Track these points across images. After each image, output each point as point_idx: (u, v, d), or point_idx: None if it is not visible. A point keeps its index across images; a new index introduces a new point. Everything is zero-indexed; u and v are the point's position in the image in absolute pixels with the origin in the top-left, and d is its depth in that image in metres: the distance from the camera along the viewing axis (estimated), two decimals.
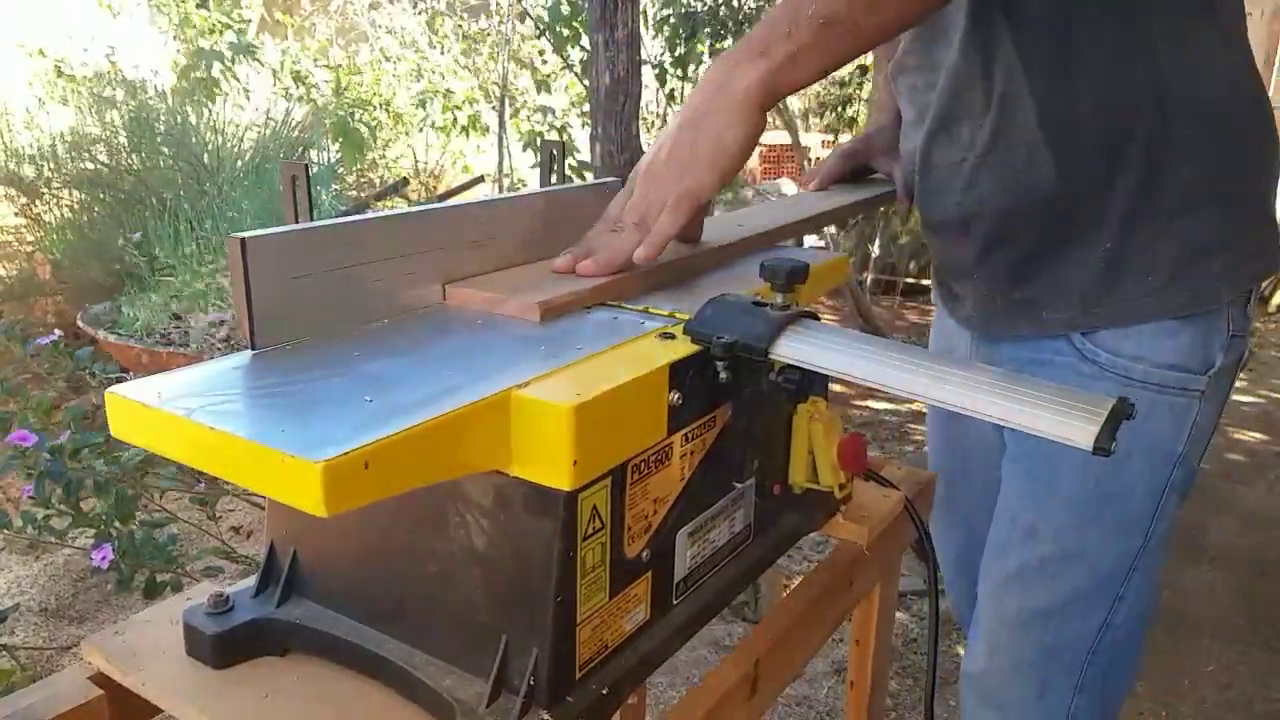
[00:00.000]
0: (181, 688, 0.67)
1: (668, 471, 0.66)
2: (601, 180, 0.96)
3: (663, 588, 0.69)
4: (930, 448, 1.33)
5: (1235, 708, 2.07)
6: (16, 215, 4.32)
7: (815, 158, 5.97)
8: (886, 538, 0.95)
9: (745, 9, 4.32)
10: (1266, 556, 2.71)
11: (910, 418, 3.59)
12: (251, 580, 0.73)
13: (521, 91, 6.85)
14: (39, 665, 2.09)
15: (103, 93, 4.56)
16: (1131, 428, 0.57)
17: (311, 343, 0.65)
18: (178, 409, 0.52)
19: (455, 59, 6.97)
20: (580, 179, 2.66)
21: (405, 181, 5.50)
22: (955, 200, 1.01)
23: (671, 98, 4.69)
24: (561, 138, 5.36)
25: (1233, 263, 0.93)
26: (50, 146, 4.12)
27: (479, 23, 6.98)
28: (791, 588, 0.91)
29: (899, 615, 2.28)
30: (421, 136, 6.88)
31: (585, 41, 3.90)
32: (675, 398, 0.63)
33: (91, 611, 2.34)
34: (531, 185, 3.10)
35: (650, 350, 0.65)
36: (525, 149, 5.67)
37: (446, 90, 6.69)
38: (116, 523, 1.68)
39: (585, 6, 3.83)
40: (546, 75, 6.23)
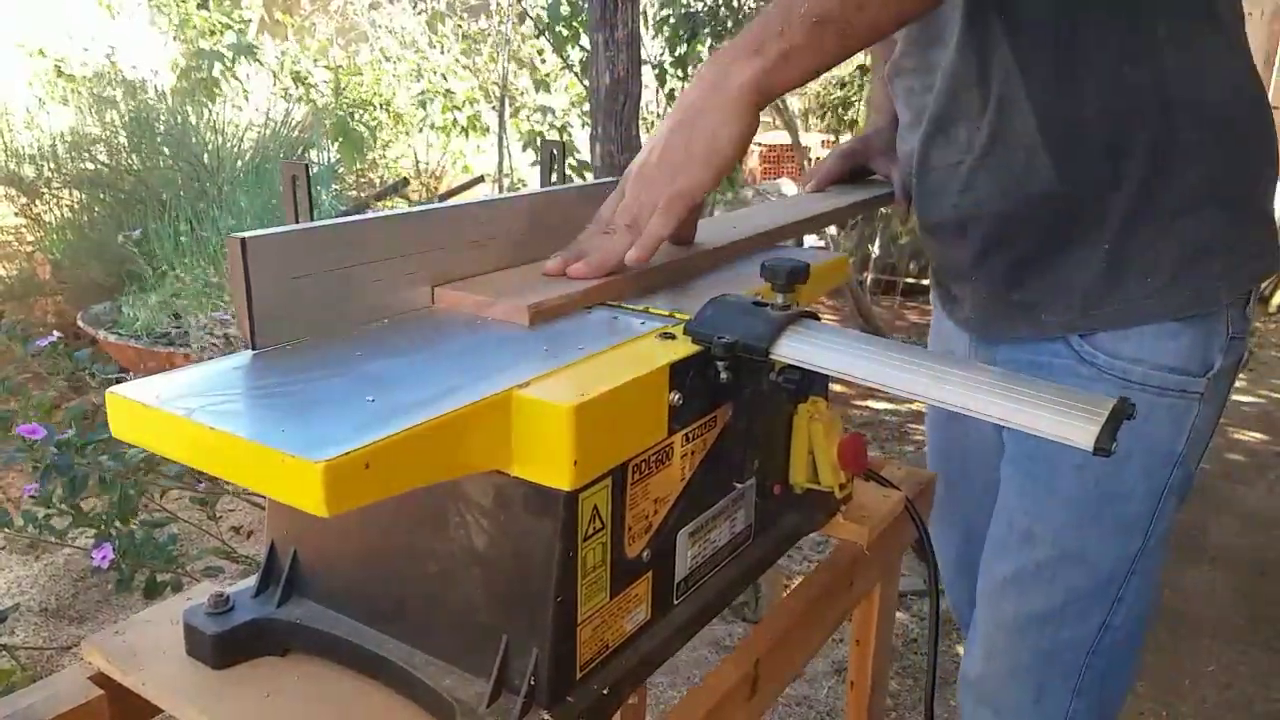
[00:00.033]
0: (182, 688, 0.67)
1: (668, 471, 0.66)
2: (602, 180, 0.96)
3: (663, 588, 0.69)
4: (930, 448, 1.33)
5: (1235, 708, 2.07)
6: (16, 215, 4.32)
7: (815, 158, 5.96)
8: (887, 538, 0.95)
9: (745, 9, 4.32)
10: (1266, 556, 2.71)
11: (910, 418, 3.59)
12: (252, 580, 0.73)
13: (521, 91, 6.84)
14: (39, 665, 2.09)
15: (103, 93, 4.55)
16: (1131, 429, 0.57)
17: (312, 343, 0.65)
18: (178, 409, 0.52)
19: (455, 59, 6.96)
20: (580, 179, 2.66)
21: (406, 182, 5.49)
22: (952, 202, 1.01)
23: (671, 97, 4.68)
24: (561, 138, 5.36)
25: (1234, 263, 0.93)
26: (50, 146, 4.11)
27: (479, 23, 6.96)
28: (792, 588, 0.91)
29: (899, 615, 2.28)
30: (422, 137, 6.88)
31: (585, 41, 3.90)
32: (676, 398, 0.63)
33: (91, 611, 2.34)
34: (532, 185, 3.09)
35: (651, 350, 0.65)
36: (525, 149, 5.66)
37: (447, 90, 6.68)
38: (117, 522, 1.68)
39: (585, 6, 3.83)
40: (546, 75, 6.23)
